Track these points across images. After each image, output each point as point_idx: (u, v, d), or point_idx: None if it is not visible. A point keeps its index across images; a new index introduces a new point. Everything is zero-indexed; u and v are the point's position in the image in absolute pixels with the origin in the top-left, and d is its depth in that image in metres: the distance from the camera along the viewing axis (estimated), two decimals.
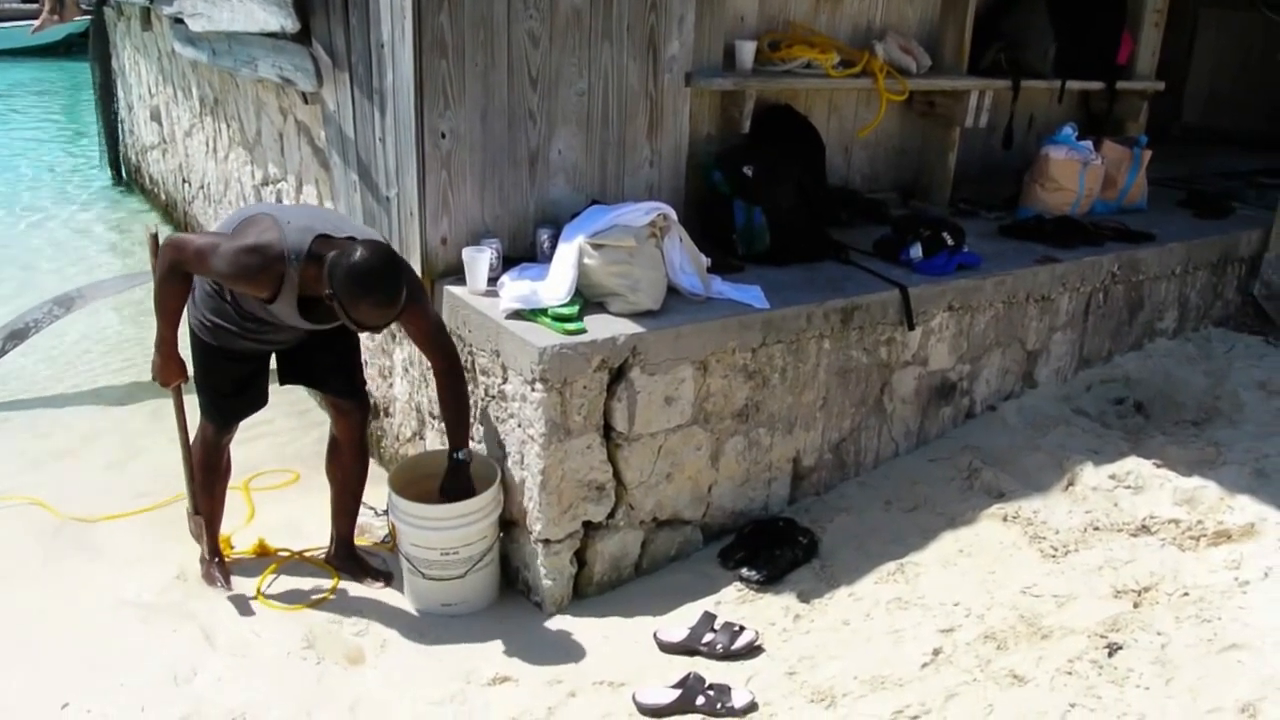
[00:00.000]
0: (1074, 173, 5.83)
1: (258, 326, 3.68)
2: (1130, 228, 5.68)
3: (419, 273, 4.11)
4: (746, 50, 4.84)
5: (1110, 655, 3.35)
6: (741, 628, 3.66)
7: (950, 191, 6.00)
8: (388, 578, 4.14)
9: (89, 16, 11.53)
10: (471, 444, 4.03)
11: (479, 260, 3.95)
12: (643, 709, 3.34)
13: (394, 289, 3.36)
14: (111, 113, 11.46)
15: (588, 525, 3.91)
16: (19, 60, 23.22)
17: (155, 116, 9.55)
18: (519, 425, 3.78)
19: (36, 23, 12.44)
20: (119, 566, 4.16)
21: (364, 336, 4.97)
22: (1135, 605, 3.63)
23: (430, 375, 4.30)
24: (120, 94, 11.19)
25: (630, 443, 3.87)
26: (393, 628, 3.82)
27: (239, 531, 4.39)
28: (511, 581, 4.08)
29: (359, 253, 3.31)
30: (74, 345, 6.56)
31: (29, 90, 19.63)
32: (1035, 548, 4.04)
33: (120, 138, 11.50)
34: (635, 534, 4.04)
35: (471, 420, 3.84)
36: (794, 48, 5.08)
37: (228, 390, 3.87)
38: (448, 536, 3.75)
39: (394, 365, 4.76)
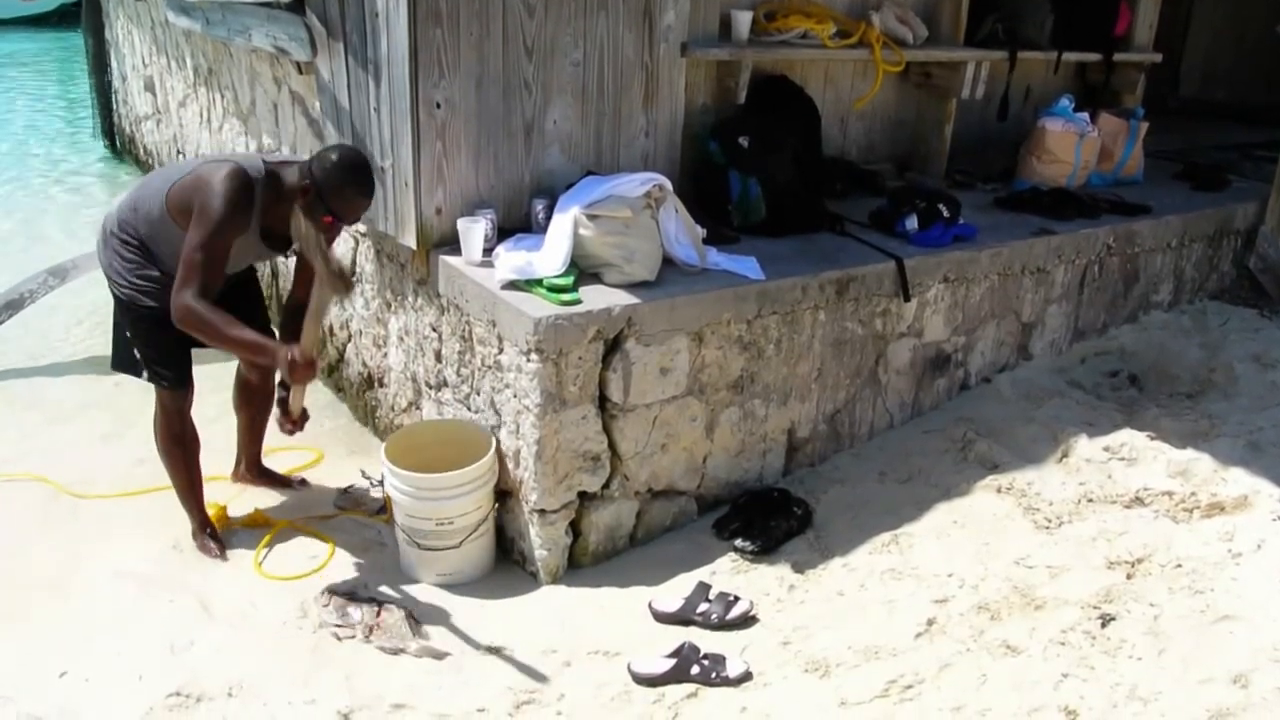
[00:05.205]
0: (1070, 145, 5.81)
1: None
2: (1126, 200, 5.67)
3: (414, 244, 4.11)
4: (742, 20, 4.81)
5: (1103, 626, 3.37)
6: (736, 598, 3.68)
7: (946, 163, 5.99)
8: (302, 482, 4.61)
9: None
10: (467, 413, 4.06)
11: (474, 231, 3.94)
12: (638, 678, 3.36)
13: (373, 181, 3.70)
14: (105, 83, 11.39)
15: (583, 495, 3.91)
16: (12, 30, 23.10)
17: (149, 87, 9.49)
18: (514, 395, 3.78)
19: None
20: (115, 537, 4.17)
21: (360, 306, 4.97)
22: (1128, 576, 3.65)
23: (424, 343, 4.33)
24: (114, 64, 11.12)
25: (625, 413, 3.87)
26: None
27: (235, 500, 4.39)
28: (507, 552, 4.09)
29: (340, 149, 3.68)
30: (69, 315, 6.54)
31: (22, 60, 19.52)
32: (1029, 519, 4.06)
33: (114, 108, 11.44)
34: (630, 504, 4.05)
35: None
36: (790, 18, 5.05)
37: (175, 349, 3.90)
38: (443, 506, 3.76)
39: (389, 334, 4.76)
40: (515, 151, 4.18)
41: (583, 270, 3.92)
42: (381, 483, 4.21)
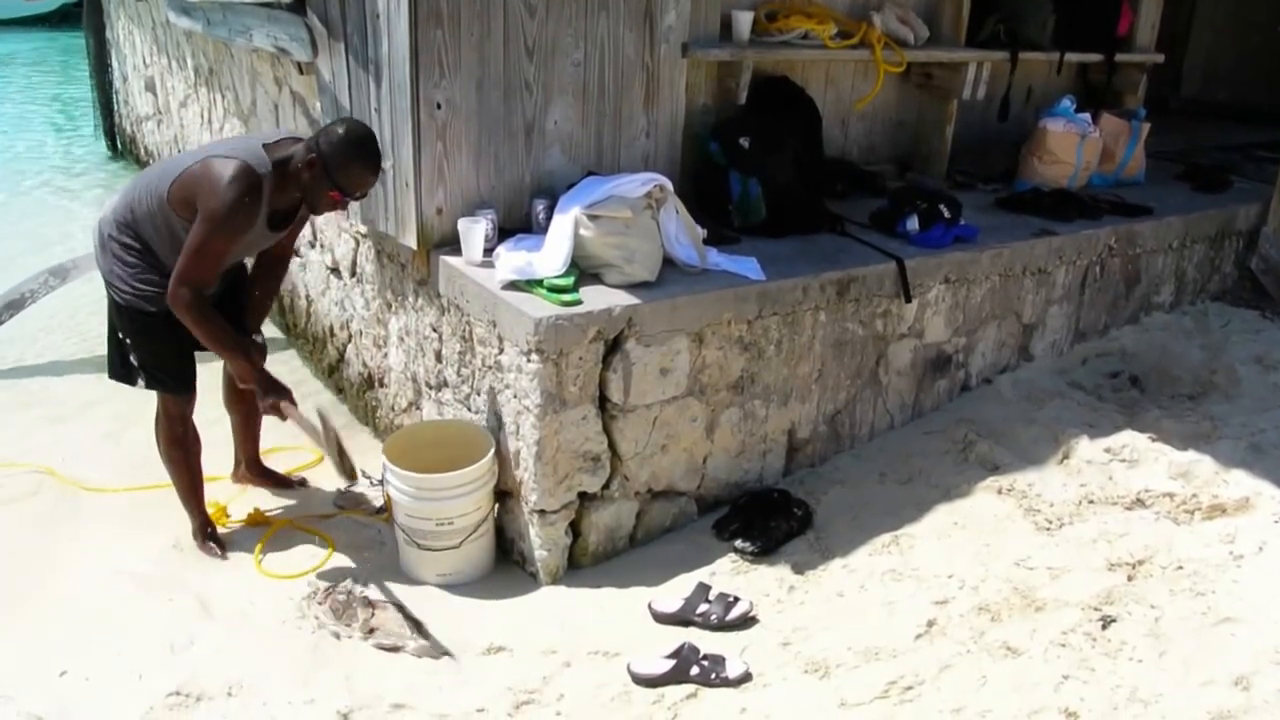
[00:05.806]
0: (1071, 145, 5.80)
1: None
2: (1128, 201, 5.66)
3: (414, 244, 4.10)
4: (743, 21, 4.81)
5: (1104, 628, 3.37)
6: (736, 599, 3.67)
7: (947, 164, 5.98)
8: (302, 482, 4.62)
9: None
10: (467, 414, 4.06)
11: (474, 231, 3.94)
12: (637, 679, 3.35)
13: (379, 154, 3.70)
14: (106, 83, 11.39)
15: (583, 496, 3.91)
16: (12, 30, 23.11)
17: (150, 87, 9.50)
18: (515, 396, 3.77)
19: None
20: (116, 536, 4.17)
21: (360, 306, 4.97)
22: (1129, 578, 3.65)
23: (425, 344, 4.33)
24: (115, 64, 11.13)
25: (625, 414, 3.86)
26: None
27: (235, 500, 4.39)
28: (507, 552, 4.09)
29: (346, 123, 3.67)
30: (69, 316, 6.54)
31: (22, 60, 19.52)
32: (1030, 520, 4.05)
33: (115, 108, 11.44)
34: (630, 505, 4.04)
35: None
36: (791, 18, 5.04)
37: (178, 354, 3.91)
38: (443, 506, 3.76)
39: (389, 335, 4.76)
40: (516, 152, 4.17)
41: (583, 270, 3.92)
42: (381, 482, 4.20)
